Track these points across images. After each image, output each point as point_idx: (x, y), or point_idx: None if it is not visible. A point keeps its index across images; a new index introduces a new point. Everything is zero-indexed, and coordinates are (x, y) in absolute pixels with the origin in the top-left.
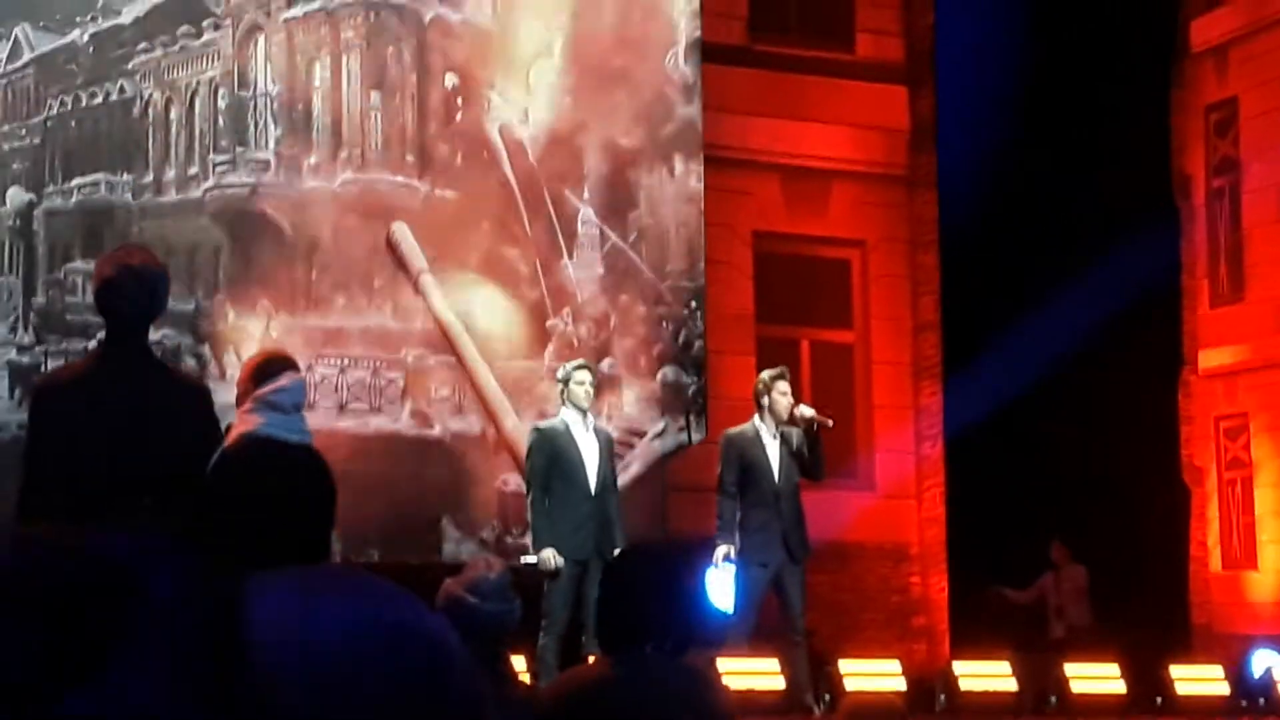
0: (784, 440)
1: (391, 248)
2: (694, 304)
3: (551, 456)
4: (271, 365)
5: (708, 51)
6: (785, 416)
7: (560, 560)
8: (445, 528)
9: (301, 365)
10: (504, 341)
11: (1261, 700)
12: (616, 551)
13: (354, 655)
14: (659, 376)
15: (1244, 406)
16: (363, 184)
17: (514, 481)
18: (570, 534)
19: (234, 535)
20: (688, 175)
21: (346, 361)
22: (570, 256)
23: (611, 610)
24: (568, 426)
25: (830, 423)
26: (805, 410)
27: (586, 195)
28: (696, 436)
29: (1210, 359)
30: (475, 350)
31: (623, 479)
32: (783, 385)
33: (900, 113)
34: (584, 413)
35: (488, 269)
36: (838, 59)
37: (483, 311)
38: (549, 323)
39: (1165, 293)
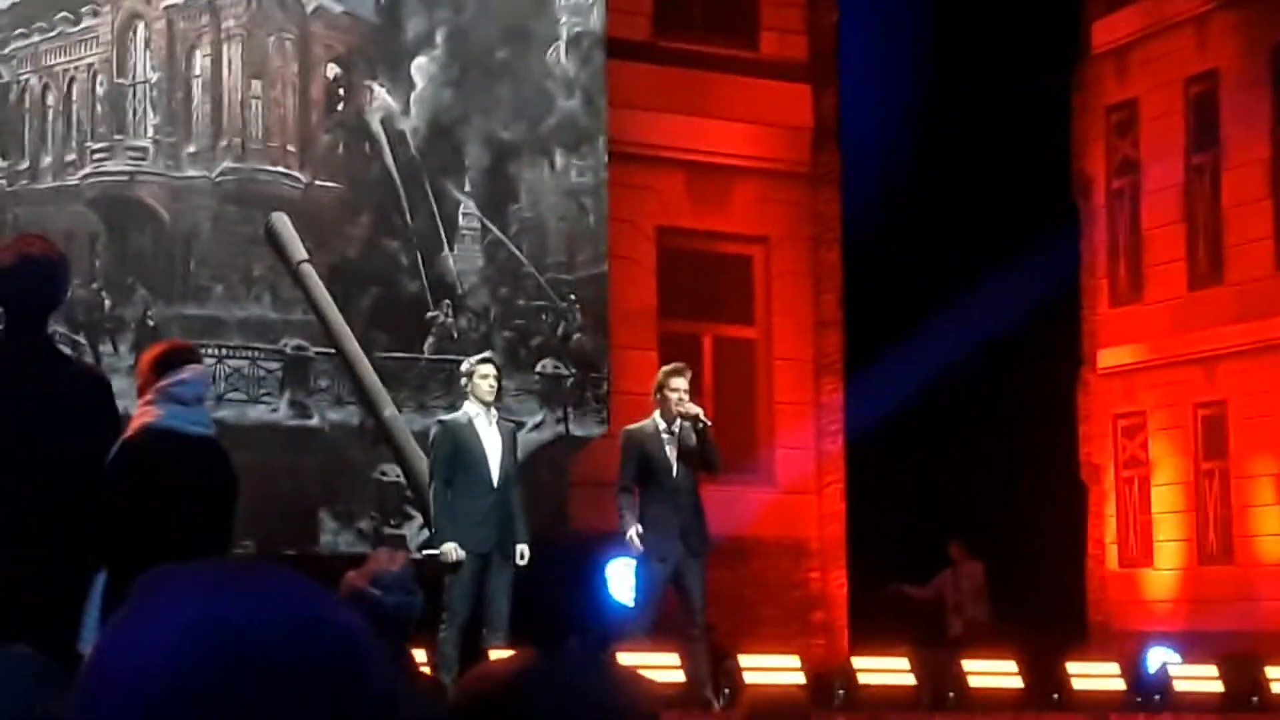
0: (681, 436)
1: (271, 237)
2: (573, 297)
3: (454, 450)
4: (173, 356)
5: (612, 47)
6: (672, 413)
7: (462, 554)
8: (322, 518)
9: None
10: (383, 333)
11: (1157, 697)
12: (519, 546)
13: (270, 650)
14: (538, 369)
15: (1142, 405)
16: (243, 173)
17: (392, 472)
18: (472, 527)
19: (134, 525)
20: (569, 169)
21: (224, 351)
22: (451, 249)
23: (537, 604)
24: (471, 420)
25: (708, 422)
26: (688, 407)
27: (468, 188)
28: (598, 430)
29: (1109, 358)
30: (354, 341)
31: None
32: (676, 381)
33: (804, 110)
34: (488, 406)
35: (368, 260)
36: (742, 56)
37: (362, 302)
38: (429, 314)
39: (1065, 292)
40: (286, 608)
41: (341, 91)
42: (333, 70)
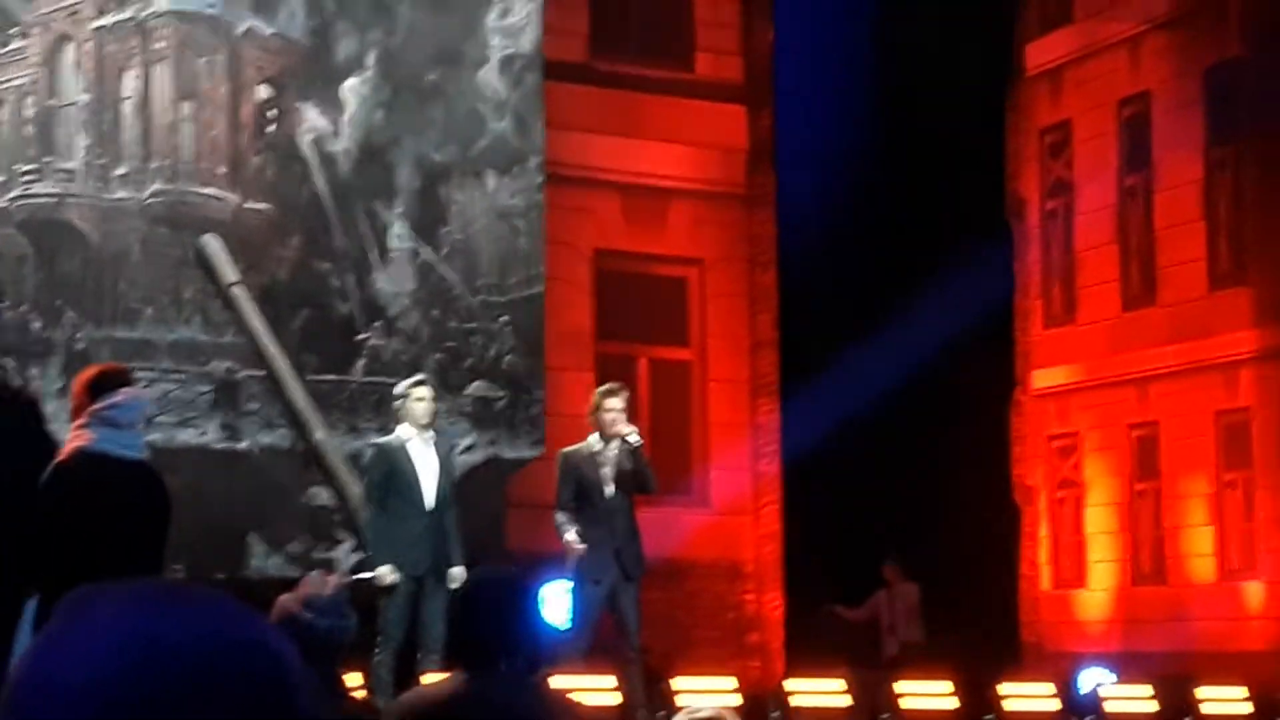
0: (617, 457)
1: (201, 260)
2: (505, 319)
3: (388, 473)
4: (107, 380)
5: (548, 69)
6: (608, 433)
7: (397, 576)
8: (252, 542)
9: None
10: (314, 355)
11: (1090, 717)
12: (454, 568)
13: (198, 670)
14: (469, 391)
15: (1075, 426)
16: (173, 195)
17: (323, 495)
18: (407, 550)
19: (67, 549)
20: (500, 191)
21: (154, 374)
22: (382, 271)
23: (468, 628)
24: (405, 443)
25: (639, 442)
26: (620, 428)
27: (399, 209)
28: (530, 453)
29: (1043, 379)
30: (285, 364)
31: None
32: (610, 402)
33: (739, 132)
34: (422, 429)
35: (299, 282)
36: (677, 78)
37: (293, 325)
38: (360, 336)
39: (999, 313)
40: (216, 628)
41: (272, 113)
42: (263, 92)
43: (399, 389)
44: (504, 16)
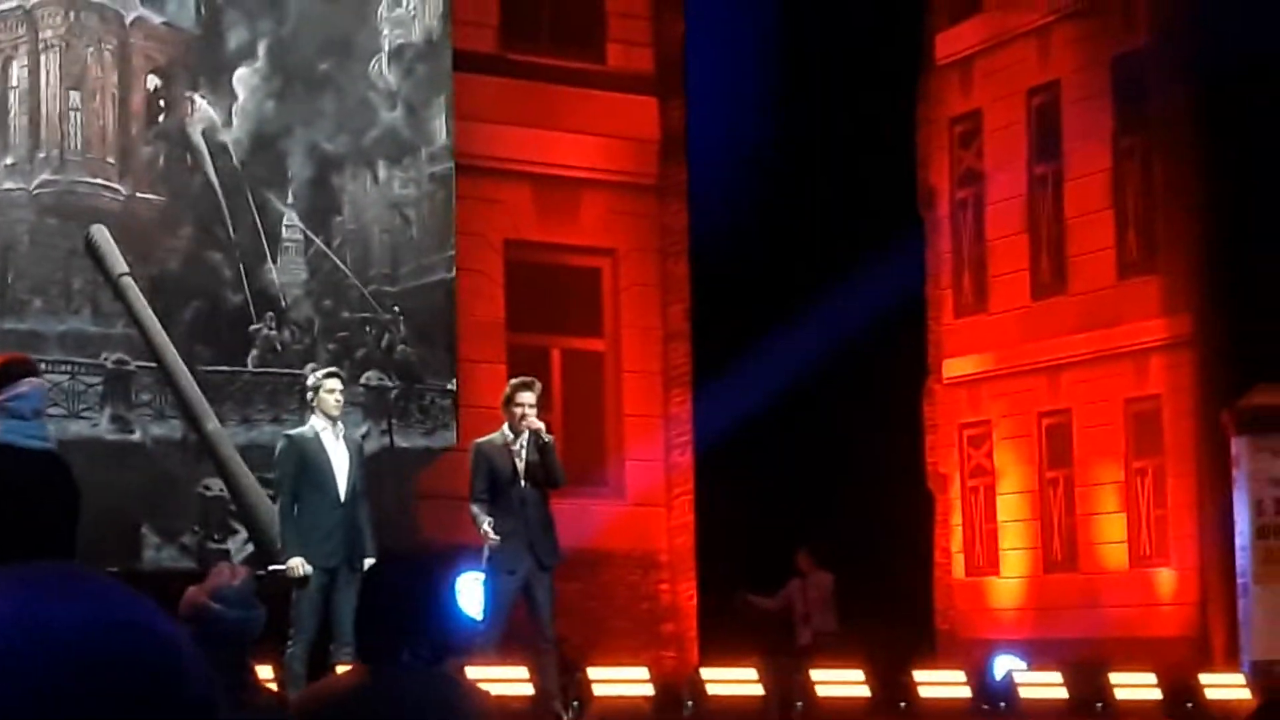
0: (527, 450)
1: (91, 250)
2: (396, 309)
3: (300, 464)
4: (10, 370)
5: (459, 59)
6: (519, 427)
7: (309, 568)
8: (145, 534)
9: None
10: (206, 346)
11: (1002, 704)
12: (367, 560)
13: (86, 650)
14: (363, 381)
15: (987, 414)
16: (61, 185)
17: (215, 486)
18: (319, 542)
19: None
20: (391, 181)
21: (44, 366)
22: (274, 261)
23: (369, 618)
24: (317, 434)
25: (549, 439)
26: (530, 422)
27: (291, 200)
28: (422, 442)
29: (954, 368)
30: (176, 354)
31: None
32: (522, 396)
33: (651, 123)
34: (334, 421)
35: (190, 273)
36: (588, 69)
37: (184, 315)
38: (252, 327)
39: (910, 302)
40: (103, 611)
41: (162, 103)
42: (153, 81)
43: (311, 380)
44: (395, 7)
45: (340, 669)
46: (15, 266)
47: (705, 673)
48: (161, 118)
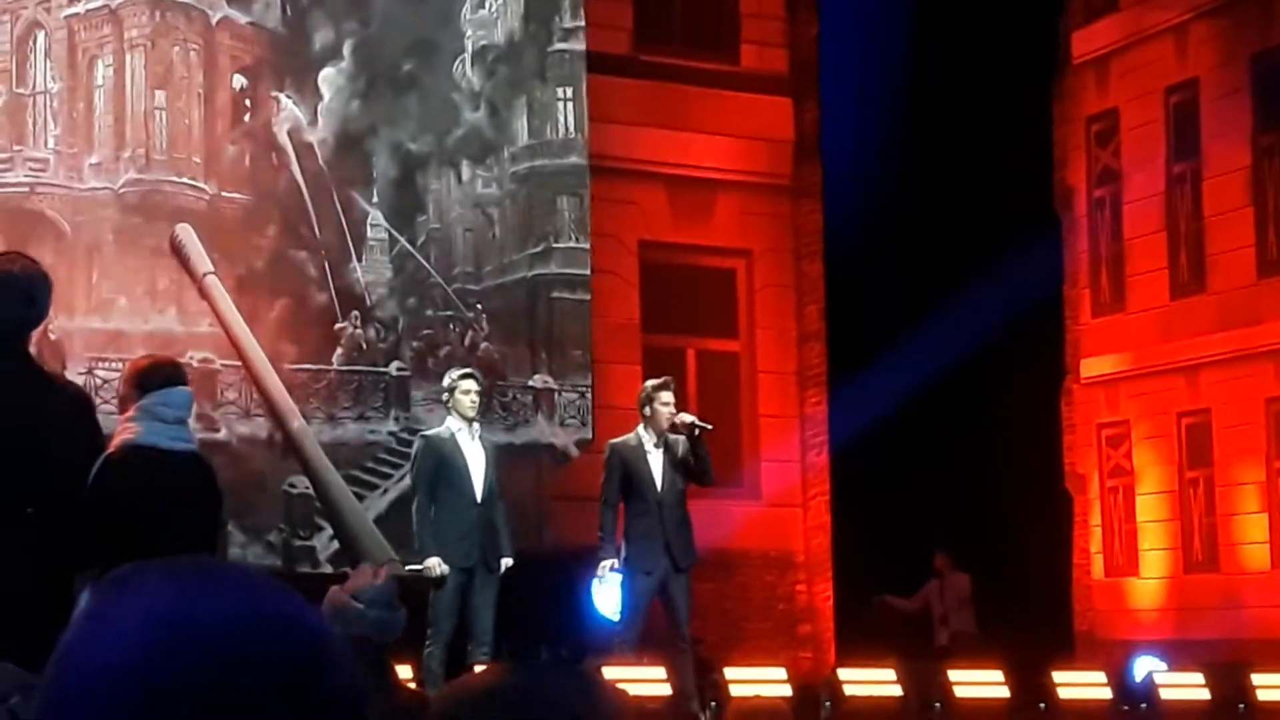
0: (668, 449)
1: (176, 250)
2: (480, 307)
3: (437, 464)
4: (154, 374)
5: (593, 62)
6: (665, 426)
7: (446, 568)
8: (231, 531)
9: (81, 369)
10: (291, 344)
11: (1143, 705)
12: (503, 560)
13: (235, 647)
14: (446, 380)
15: (1125, 414)
16: (146, 185)
17: (301, 484)
18: (456, 542)
19: (117, 541)
20: (475, 180)
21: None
22: (359, 260)
23: (509, 618)
24: (453, 435)
25: (709, 427)
26: (685, 416)
27: (375, 199)
28: (522, 438)
29: (1092, 367)
30: (261, 353)
31: (410, 479)
32: (664, 395)
33: (785, 123)
34: (470, 421)
35: (275, 272)
36: (723, 70)
37: (270, 314)
38: (337, 326)
39: (1048, 302)
40: (252, 606)
41: (248, 102)
42: (239, 81)
43: (446, 381)
44: (478, 8)
45: (478, 669)
46: (100, 266)
47: (843, 673)
48: (247, 117)
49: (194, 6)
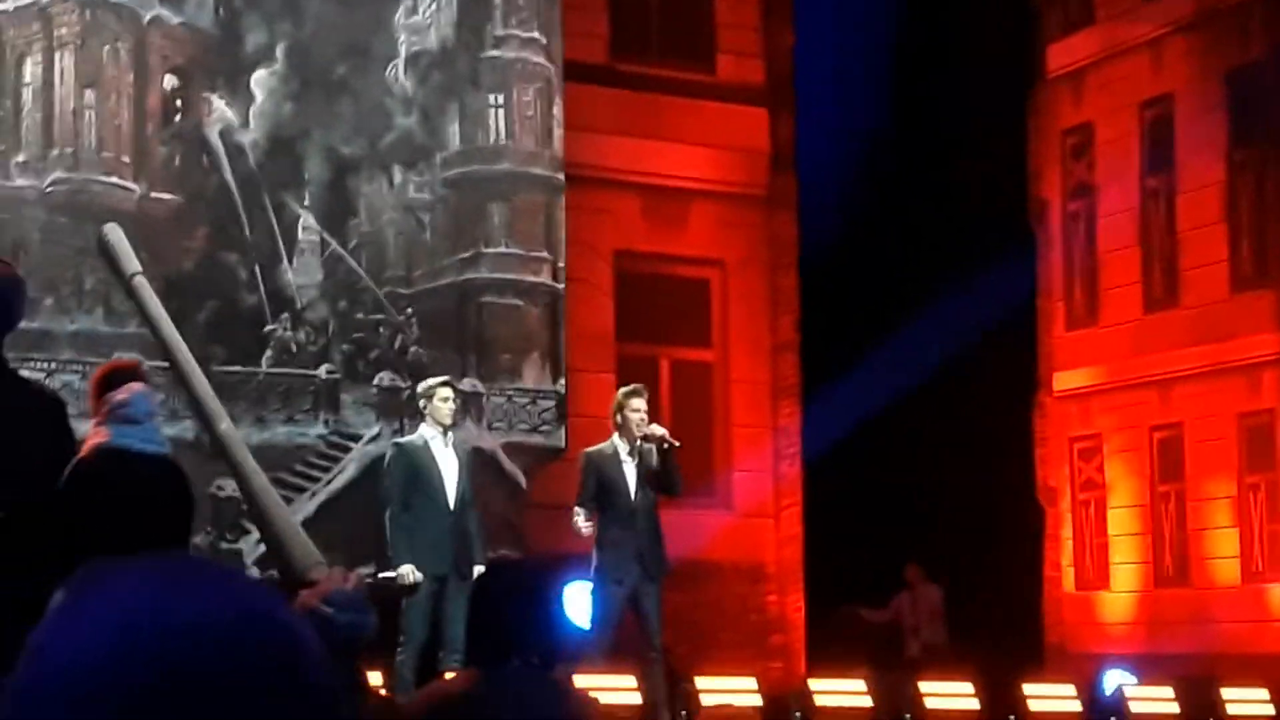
0: (641, 458)
1: (103, 250)
2: (410, 311)
3: (411, 472)
4: (115, 376)
5: (569, 70)
6: (637, 433)
7: (418, 576)
8: None
9: None
10: (220, 346)
11: (1113, 718)
12: (476, 568)
13: (209, 643)
14: (376, 381)
15: (1098, 428)
16: (74, 184)
17: (228, 487)
18: (429, 549)
19: (89, 545)
20: (406, 185)
21: (54, 365)
22: (290, 262)
23: (481, 624)
24: (427, 442)
25: (678, 444)
26: (655, 429)
27: (307, 201)
28: (503, 442)
29: (1065, 381)
30: (189, 354)
31: (338, 482)
32: (636, 403)
33: (760, 134)
34: (444, 429)
35: (205, 273)
36: (698, 80)
37: (199, 316)
38: (267, 328)
39: (1021, 315)
40: (226, 601)
41: (179, 103)
42: (170, 81)
43: (422, 388)
44: (411, 14)
45: (449, 676)
46: (26, 265)
47: (814, 684)
48: (178, 118)
49: (125, 5)
